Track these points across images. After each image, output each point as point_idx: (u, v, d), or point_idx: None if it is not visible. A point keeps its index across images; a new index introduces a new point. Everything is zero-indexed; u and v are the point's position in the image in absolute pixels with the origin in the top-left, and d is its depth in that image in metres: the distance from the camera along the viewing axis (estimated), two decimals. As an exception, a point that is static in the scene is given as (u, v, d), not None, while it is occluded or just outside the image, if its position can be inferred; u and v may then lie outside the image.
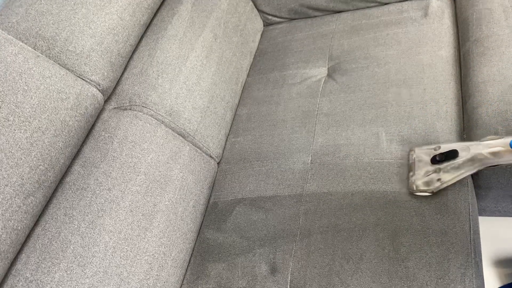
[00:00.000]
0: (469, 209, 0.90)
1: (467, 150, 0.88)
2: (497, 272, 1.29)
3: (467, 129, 1.02)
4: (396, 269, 0.84)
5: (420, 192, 0.92)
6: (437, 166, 0.91)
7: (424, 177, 0.92)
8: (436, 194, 0.91)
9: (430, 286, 0.80)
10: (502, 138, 0.84)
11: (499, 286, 1.27)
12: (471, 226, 0.87)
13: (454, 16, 1.29)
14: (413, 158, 0.97)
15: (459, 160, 0.88)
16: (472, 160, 0.88)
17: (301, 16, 1.54)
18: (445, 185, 0.90)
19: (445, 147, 0.92)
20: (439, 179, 0.90)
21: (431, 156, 0.92)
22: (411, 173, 0.95)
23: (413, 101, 1.10)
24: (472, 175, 1.00)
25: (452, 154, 0.90)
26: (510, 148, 0.82)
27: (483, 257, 1.22)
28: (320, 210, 0.98)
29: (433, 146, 0.96)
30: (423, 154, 0.96)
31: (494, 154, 0.85)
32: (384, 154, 1.03)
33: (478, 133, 0.98)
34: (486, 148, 0.86)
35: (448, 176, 0.90)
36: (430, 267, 0.82)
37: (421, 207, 0.90)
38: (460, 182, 0.93)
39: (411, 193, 0.94)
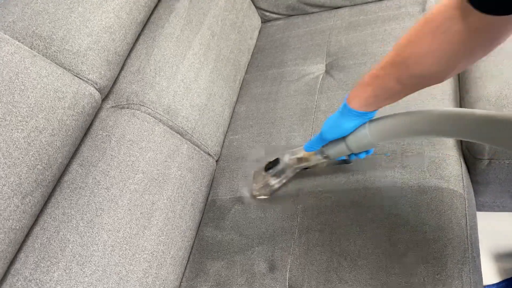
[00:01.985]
0: (465, 205, 0.90)
1: (285, 158, 1.02)
2: (496, 267, 1.30)
3: (465, 125, 1.02)
4: (394, 265, 0.84)
5: (259, 196, 1.07)
6: (267, 173, 1.04)
7: (260, 183, 1.05)
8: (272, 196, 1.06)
9: (427, 282, 0.81)
10: (301, 146, 0.96)
11: (498, 280, 1.27)
12: (467, 221, 0.88)
13: (451, 11, 1.29)
14: (256, 167, 1.10)
15: (279, 167, 1.02)
16: (287, 166, 1.01)
17: (299, 12, 1.54)
18: (274, 188, 1.05)
19: (274, 156, 1.05)
20: (268, 184, 1.04)
21: (265, 165, 1.06)
22: (253, 181, 1.08)
23: (410, 97, 1.08)
24: (470, 170, 1.01)
25: (276, 162, 1.03)
26: (307, 152, 0.93)
27: (482, 252, 1.22)
28: (317, 208, 0.98)
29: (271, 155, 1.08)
30: (261, 163, 1.08)
31: (299, 159, 0.98)
32: (379, 150, 1.03)
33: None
34: (292, 155, 1.00)
35: (274, 180, 1.04)
36: (427, 263, 0.83)
37: (417, 203, 0.90)
38: (455, 178, 0.93)
39: (254, 197, 1.08)
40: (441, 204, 0.90)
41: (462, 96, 1.08)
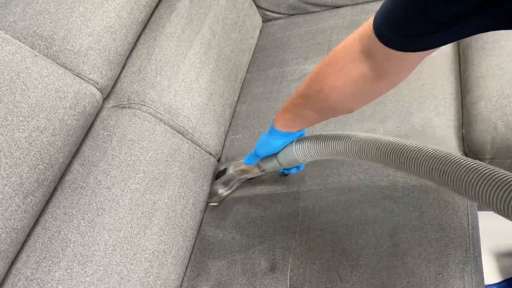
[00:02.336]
0: (467, 204, 0.90)
1: (230, 168, 1.08)
2: (498, 267, 1.29)
3: (466, 124, 1.02)
4: (395, 265, 0.84)
5: (210, 203, 1.12)
6: (216, 181, 1.10)
7: (212, 191, 1.12)
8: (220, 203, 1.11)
9: (429, 282, 0.81)
10: (241, 159, 1.03)
11: (499, 280, 1.27)
12: (469, 221, 0.87)
13: (453, 10, 1.28)
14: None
15: (225, 177, 1.08)
16: (231, 176, 1.07)
17: (300, 11, 1.53)
18: (222, 197, 1.10)
19: (223, 166, 1.12)
20: (217, 192, 1.09)
21: (216, 173, 1.14)
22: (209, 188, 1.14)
23: (411, 97, 1.10)
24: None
25: (224, 172, 1.09)
26: (247, 165, 1.00)
27: (484, 252, 1.21)
28: (318, 207, 0.98)
29: (223, 165, 1.14)
30: (216, 171, 1.16)
31: (242, 171, 1.04)
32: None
33: (477, 128, 0.98)
34: (235, 167, 1.06)
35: (221, 189, 1.09)
36: (429, 262, 0.83)
37: (419, 202, 0.90)
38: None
39: (207, 204, 1.12)
40: (443, 203, 0.90)
41: (463, 95, 1.08)
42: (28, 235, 0.81)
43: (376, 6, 1.37)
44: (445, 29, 0.44)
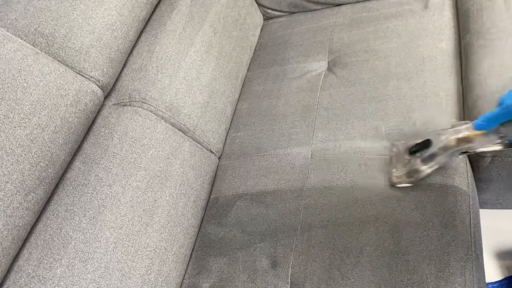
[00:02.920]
0: (469, 202, 0.90)
1: (439, 138, 0.86)
2: (499, 265, 1.29)
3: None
4: (396, 263, 0.84)
5: (401, 183, 0.93)
6: (413, 157, 0.89)
7: (403, 169, 0.92)
8: (418, 184, 0.92)
9: (430, 279, 0.81)
10: (467, 123, 0.80)
11: (500, 278, 1.27)
12: (471, 219, 0.87)
13: (454, 8, 1.28)
14: (392, 151, 0.96)
15: (433, 150, 0.86)
16: (445, 148, 0.84)
17: (301, 9, 1.53)
18: (423, 175, 0.90)
19: (423, 136, 0.90)
20: (417, 170, 0.89)
21: (408, 147, 0.91)
22: (391, 166, 0.95)
23: (413, 94, 1.10)
24: (473, 168, 1.00)
25: (426, 144, 0.87)
26: (476, 131, 0.77)
27: (485, 250, 1.21)
28: (320, 204, 0.98)
29: (402, 141, 0.96)
30: (401, 146, 0.95)
31: (463, 139, 0.81)
32: (383, 148, 1.02)
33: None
34: (454, 134, 0.83)
35: (425, 165, 0.88)
36: (430, 260, 0.83)
37: (421, 200, 0.90)
38: (460, 175, 0.93)
39: (393, 186, 0.94)
40: (445, 201, 0.90)
41: (465, 93, 1.07)
42: (30, 232, 0.81)
43: (377, 4, 1.38)
44: None
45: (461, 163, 0.96)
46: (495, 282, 1.26)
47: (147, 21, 1.16)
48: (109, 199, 0.88)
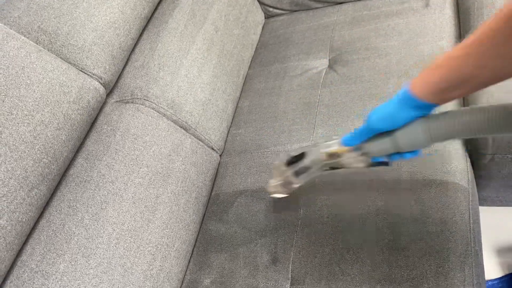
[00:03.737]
0: (469, 199, 0.90)
1: (312, 152, 0.86)
2: (499, 262, 1.30)
3: (468, 119, 1.02)
4: (396, 258, 0.85)
5: (276, 193, 0.94)
6: (289, 168, 0.90)
7: (280, 180, 0.93)
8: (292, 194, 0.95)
9: (429, 275, 0.81)
10: (336, 139, 0.81)
11: (501, 275, 1.27)
12: (471, 215, 0.88)
13: (455, 6, 1.29)
14: (277, 161, 0.95)
15: (305, 163, 0.87)
16: (316, 161, 0.86)
17: (302, 7, 1.54)
18: (296, 186, 0.92)
19: (299, 150, 0.90)
20: (289, 182, 0.91)
21: (287, 159, 0.91)
22: (272, 176, 0.96)
23: (413, 92, 1.10)
24: (473, 165, 1.01)
25: (301, 157, 0.88)
26: (343, 147, 0.77)
27: (485, 247, 1.22)
28: (320, 201, 0.99)
29: (287, 152, 0.95)
30: (284, 157, 0.93)
31: (332, 154, 0.81)
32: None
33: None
34: (324, 149, 0.82)
35: (296, 178, 0.90)
36: (429, 256, 0.83)
37: (421, 196, 0.91)
38: (460, 172, 0.93)
39: (270, 194, 0.96)
40: (445, 198, 0.90)
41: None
42: (33, 228, 0.82)
43: (378, 3, 1.38)
44: None
45: (462, 160, 0.96)
46: (495, 279, 1.26)
47: (149, 19, 1.17)
48: (111, 196, 0.89)
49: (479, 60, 0.53)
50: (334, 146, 0.80)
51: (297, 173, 0.89)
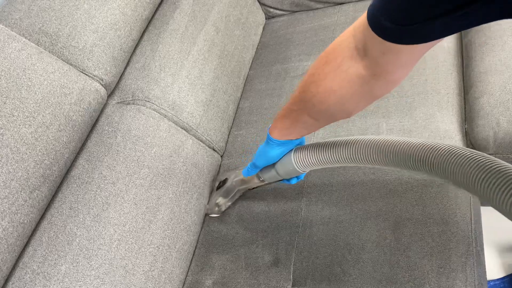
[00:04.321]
0: (470, 199, 0.90)
1: (231, 177, 1.04)
2: (502, 262, 1.30)
3: (469, 119, 1.02)
4: (398, 259, 0.85)
5: (210, 214, 1.09)
6: (217, 192, 1.08)
7: (211, 202, 1.08)
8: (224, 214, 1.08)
9: (431, 275, 0.81)
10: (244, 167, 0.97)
11: (503, 275, 1.27)
12: (472, 215, 0.88)
13: (456, 6, 1.28)
14: (213, 185, 1.14)
15: (225, 187, 1.05)
16: (232, 187, 1.04)
17: (303, 8, 1.54)
18: (223, 208, 1.07)
19: (224, 176, 1.09)
20: (217, 203, 1.07)
21: (217, 183, 1.10)
22: (209, 199, 1.12)
23: (414, 92, 1.10)
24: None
25: (225, 181, 1.06)
26: (245, 177, 0.96)
27: (488, 248, 1.22)
28: (321, 202, 0.99)
29: (223, 174, 1.12)
30: (216, 182, 1.12)
31: (241, 181, 1.01)
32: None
33: (480, 123, 0.98)
34: (235, 177, 1.03)
35: (222, 200, 1.06)
36: (431, 256, 0.83)
37: (422, 197, 0.91)
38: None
39: (207, 215, 1.10)
40: (446, 198, 0.90)
41: (466, 90, 1.08)
42: (35, 229, 0.82)
43: (379, 2, 1.37)
44: (447, 15, 0.41)
45: (462, 160, 0.96)
46: (497, 280, 1.26)
47: (150, 21, 1.17)
48: (113, 197, 0.89)
49: (305, 115, 0.68)
50: (242, 175, 0.98)
51: (223, 196, 1.06)
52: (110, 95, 1.04)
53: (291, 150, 0.82)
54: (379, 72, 0.55)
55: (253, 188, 1.04)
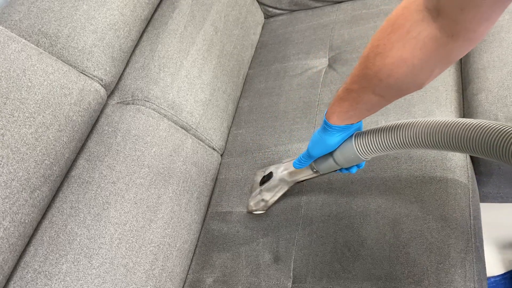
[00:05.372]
0: (469, 195, 0.91)
1: (277, 171, 0.99)
2: (502, 258, 1.30)
3: (467, 115, 1.03)
4: (397, 255, 0.85)
5: (254, 211, 1.03)
6: (261, 187, 1.02)
7: (254, 198, 1.03)
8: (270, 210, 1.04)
9: (430, 271, 0.81)
10: (293, 159, 0.92)
11: (503, 271, 1.27)
12: (471, 211, 0.88)
13: (454, 3, 1.28)
14: (253, 180, 1.09)
15: (272, 181, 1.00)
16: (280, 180, 0.98)
17: (302, 7, 1.54)
18: (269, 204, 1.01)
19: (268, 169, 1.03)
20: (263, 199, 1.01)
21: (260, 178, 1.04)
22: (250, 195, 1.07)
23: (413, 89, 1.10)
24: (473, 161, 1.01)
25: (270, 176, 1.01)
26: (296, 169, 0.91)
27: (488, 244, 1.22)
28: (321, 199, 0.99)
29: (263, 169, 1.07)
30: (258, 176, 1.07)
31: (291, 174, 0.95)
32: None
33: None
34: (284, 170, 0.97)
35: (268, 195, 1.00)
36: (430, 252, 0.83)
37: (421, 193, 0.91)
38: (460, 168, 0.94)
39: (250, 212, 1.05)
40: (445, 194, 0.90)
41: (464, 87, 1.08)
42: (36, 229, 0.83)
43: (377, 1, 1.38)
44: None
45: (461, 157, 0.96)
46: (498, 276, 1.26)
47: (149, 21, 1.17)
48: (113, 196, 0.89)
49: (370, 93, 0.62)
50: (291, 167, 0.94)
51: (269, 191, 1.00)
52: (109, 95, 1.05)
53: (351, 136, 0.75)
54: (457, 31, 0.49)
55: (302, 181, 0.96)
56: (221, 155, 1.24)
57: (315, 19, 1.47)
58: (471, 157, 1.01)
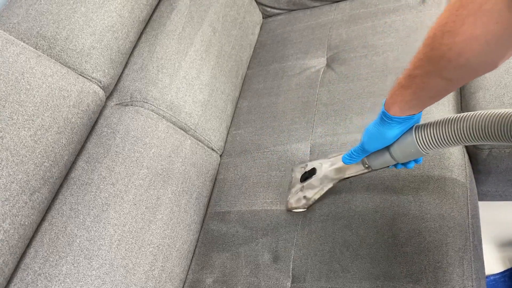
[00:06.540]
0: (467, 194, 0.91)
1: (321, 167, 0.96)
2: (501, 257, 1.30)
3: (465, 114, 1.03)
4: (395, 255, 0.85)
5: (295, 209, 0.99)
6: (303, 184, 0.98)
7: (295, 195, 0.99)
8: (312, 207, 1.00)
9: (428, 270, 0.82)
10: (341, 154, 0.89)
11: (502, 270, 1.28)
12: (469, 210, 0.88)
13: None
14: (291, 176, 1.04)
15: (316, 178, 0.96)
16: (325, 177, 0.94)
17: (300, 7, 1.54)
18: (311, 201, 0.97)
19: (310, 165, 0.99)
20: (305, 196, 0.97)
21: (301, 174, 1.00)
22: (288, 192, 1.03)
23: (411, 89, 1.10)
24: (471, 160, 1.01)
25: (313, 172, 0.97)
26: (345, 164, 0.85)
27: (487, 242, 1.22)
28: (319, 199, 0.99)
29: (302, 165, 1.03)
30: (297, 173, 1.03)
31: (338, 170, 0.91)
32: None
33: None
34: (330, 165, 0.93)
35: (311, 192, 0.96)
36: (428, 251, 0.84)
37: (419, 193, 0.91)
38: (458, 167, 0.94)
39: (290, 210, 1.00)
40: (443, 193, 0.91)
41: (462, 86, 1.08)
42: (36, 231, 0.83)
43: (375, 0, 1.38)
44: None
45: (459, 155, 0.97)
46: (497, 274, 1.27)
47: (147, 22, 1.18)
48: (112, 198, 0.90)
49: (437, 78, 0.57)
50: (339, 162, 0.89)
51: (312, 188, 0.96)
52: (108, 97, 1.05)
53: (411, 128, 0.70)
54: None
55: (348, 178, 0.91)
56: (220, 156, 1.24)
57: (313, 18, 1.48)
58: (469, 156, 1.01)
